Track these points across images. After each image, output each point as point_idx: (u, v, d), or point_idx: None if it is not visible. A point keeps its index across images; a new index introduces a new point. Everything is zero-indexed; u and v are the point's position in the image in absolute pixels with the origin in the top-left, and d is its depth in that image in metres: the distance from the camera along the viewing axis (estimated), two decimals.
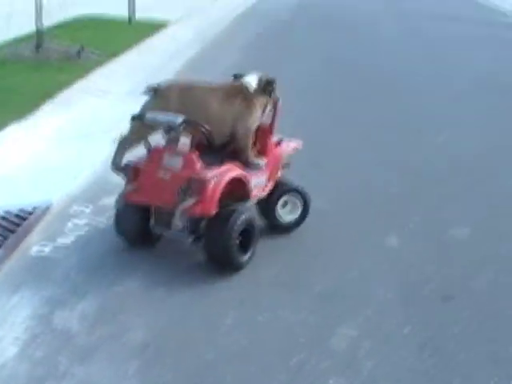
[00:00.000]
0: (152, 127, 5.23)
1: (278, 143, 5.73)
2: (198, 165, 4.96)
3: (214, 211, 4.91)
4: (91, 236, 5.57)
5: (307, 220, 5.91)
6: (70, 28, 14.70)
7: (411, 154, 8.32)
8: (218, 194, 4.89)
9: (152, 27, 15.56)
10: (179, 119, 4.92)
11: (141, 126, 5.19)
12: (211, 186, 4.86)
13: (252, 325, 4.45)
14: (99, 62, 11.85)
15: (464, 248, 5.82)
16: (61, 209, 6.05)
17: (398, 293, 5.00)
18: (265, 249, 5.43)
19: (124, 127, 5.38)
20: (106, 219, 5.82)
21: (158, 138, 5.32)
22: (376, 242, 5.80)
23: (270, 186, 5.63)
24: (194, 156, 5.00)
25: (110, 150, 5.92)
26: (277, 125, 5.62)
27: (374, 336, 4.39)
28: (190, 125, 5.04)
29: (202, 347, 4.16)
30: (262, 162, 5.47)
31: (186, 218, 4.98)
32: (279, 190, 5.76)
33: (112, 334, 4.22)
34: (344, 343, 4.29)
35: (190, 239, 5.19)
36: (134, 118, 5.21)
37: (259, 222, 5.51)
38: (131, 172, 5.17)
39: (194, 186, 4.85)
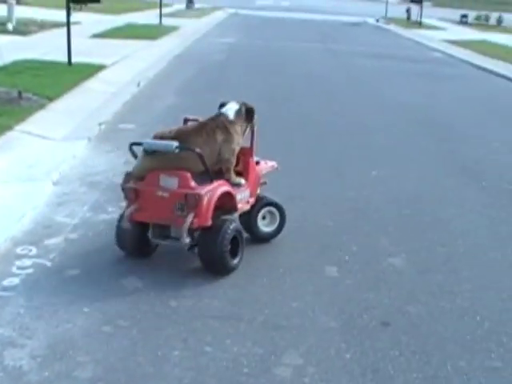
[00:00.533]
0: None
1: (257, 163, 6.45)
2: (192, 183, 5.56)
3: (209, 222, 5.57)
4: (37, 276, 5.58)
5: (248, 251, 6.03)
6: (10, 72, 14.65)
7: (347, 189, 8.50)
8: (211, 207, 5.57)
9: (90, 70, 15.60)
10: (174, 144, 5.58)
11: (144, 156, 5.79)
12: (206, 200, 5.51)
13: (199, 356, 4.52)
14: (39, 106, 11.83)
15: (400, 276, 6.01)
16: (6, 251, 6.04)
17: (340, 321, 5.13)
18: (209, 281, 5.56)
19: (64, 169, 5.44)
20: (51, 260, 5.85)
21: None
22: (317, 273, 5.95)
23: (252, 200, 6.34)
24: (188, 175, 5.57)
25: (51, 191, 5.99)
26: (255, 147, 6.27)
27: (318, 363, 4.51)
28: (183, 149, 5.62)
29: (151, 380, 4.22)
30: (242, 181, 6.13)
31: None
32: (259, 204, 6.45)
33: (63, 371, 4.25)
34: (289, 372, 4.40)
35: (186, 247, 5.79)
36: (133, 145, 5.88)
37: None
38: (132, 194, 5.72)
39: (191, 202, 5.48)
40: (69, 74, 14.86)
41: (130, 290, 5.42)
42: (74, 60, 16.11)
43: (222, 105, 6.28)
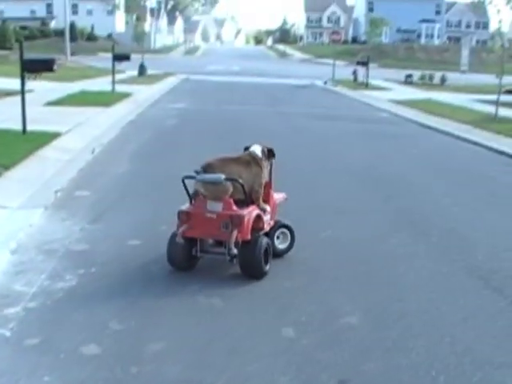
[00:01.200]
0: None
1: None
2: (235, 207, 7.19)
3: (249, 237, 7.17)
4: None
5: (203, 315, 6.06)
6: None
7: (300, 249, 8.57)
8: (250, 226, 7.20)
9: (45, 138, 15.58)
10: (222, 176, 7.12)
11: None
12: (246, 220, 7.15)
13: None
14: None
15: (355, 334, 6.06)
16: None
17: (298, 381, 5.17)
18: (168, 346, 5.56)
19: (21, 237, 5.43)
20: (10, 329, 5.80)
21: None
22: (274, 334, 5.98)
23: (272, 222, 7.96)
24: (231, 201, 7.20)
25: (8, 260, 5.92)
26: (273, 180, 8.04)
27: None
28: (229, 180, 7.19)
29: None
30: (268, 208, 7.80)
31: (226, 243, 7.19)
32: (276, 226, 8.03)
33: None
34: None
35: (228, 258, 7.29)
36: (186, 178, 7.48)
37: None
38: (184, 216, 7.31)
39: (235, 221, 7.09)
40: (24, 143, 14.84)
41: (90, 357, 5.40)
42: (28, 128, 16.10)
43: (247, 148, 7.98)
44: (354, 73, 44.98)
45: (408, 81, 46.56)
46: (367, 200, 11.72)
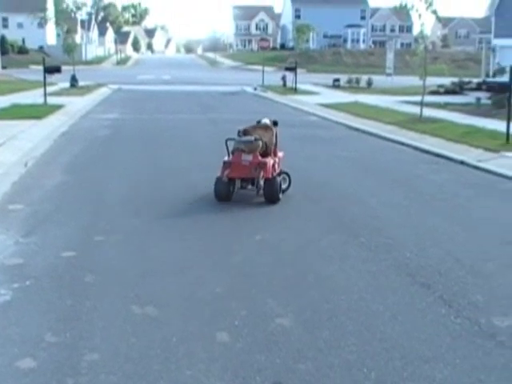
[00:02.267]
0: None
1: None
2: (260, 157, 11.42)
3: (270, 176, 11.36)
4: None
5: (138, 324, 6.03)
6: None
7: (233, 254, 8.58)
8: (271, 169, 11.40)
9: None
10: (253, 138, 11.48)
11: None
12: (268, 165, 11.40)
13: None
14: None
15: (288, 335, 6.09)
16: None
17: None
18: (104, 356, 5.50)
19: None
20: None
21: None
22: (209, 340, 5.96)
23: (279, 169, 11.97)
24: (257, 154, 11.41)
25: None
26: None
27: None
28: (257, 140, 11.44)
29: None
30: (277, 158, 11.93)
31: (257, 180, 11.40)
32: (280, 172, 11.96)
33: None
34: None
35: (256, 191, 11.55)
36: (228, 140, 11.77)
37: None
38: (227, 164, 11.46)
39: (261, 166, 11.34)
40: None
41: (26, 371, 5.30)
42: None
43: (259, 121, 12.24)
44: (283, 78, 45.19)
45: (336, 85, 47.01)
46: (298, 203, 11.78)
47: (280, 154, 12.13)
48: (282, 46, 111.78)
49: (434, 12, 26.20)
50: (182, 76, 63.26)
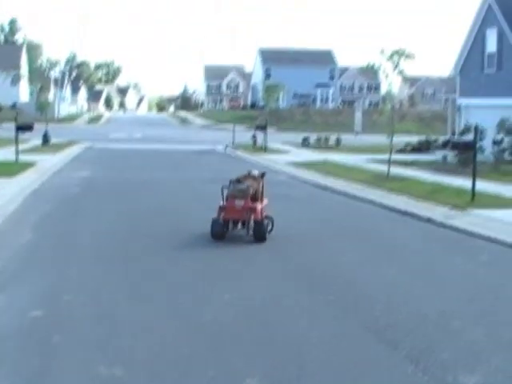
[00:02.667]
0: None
1: None
2: (251, 202, 13.04)
3: (260, 218, 12.96)
4: None
5: None
6: None
7: (205, 312, 8.52)
8: (260, 212, 12.99)
9: None
10: (245, 185, 13.21)
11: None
12: (258, 209, 13.03)
13: None
14: None
15: None
16: None
17: None
18: None
19: None
20: None
21: None
22: None
23: (265, 213, 13.44)
24: (249, 199, 13.04)
25: None
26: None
27: None
28: (249, 187, 13.20)
29: None
30: (263, 204, 13.48)
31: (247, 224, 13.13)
32: (265, 216, 13.49)
33: None
34: None
35: (246, 231, 13.10)
36: (224, 188, 13.50)
37: None
38: (223, 208, 13.13)
39: (252, 210, 12.99)
40: None
41: None
42: None
43: (250, 171, 14.04)
44: (254, 137, 45.41)
45: (305, 143, 47.35)
46: (266, 262, 11.78)
47: (265, 200, 13.78)
48: (253, 105, 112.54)
49: (401, 72, 26.63)
50: (154, 134, 63.37)
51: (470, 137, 26.66)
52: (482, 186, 19.87)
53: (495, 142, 28.77)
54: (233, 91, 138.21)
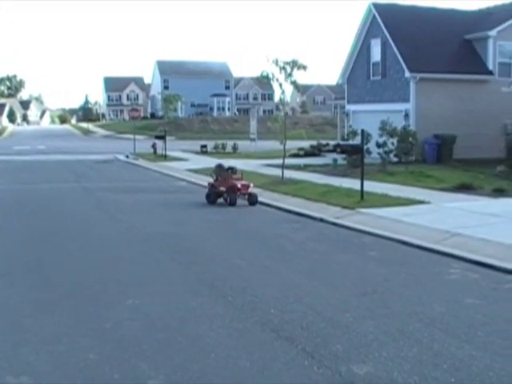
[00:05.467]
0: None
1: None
2: (231, 180, 20.57)
3: (236, 194, 20.35)
4: None
5: None
6: None
7: (105, 320, 8.41)
8: (238, 189, 20.39)
9: None
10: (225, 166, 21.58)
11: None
12: (238, 186, 20.45)
13: None
14: None
15: None
16: None
17: None
18: None
19: None
20: None
21: None
22: None
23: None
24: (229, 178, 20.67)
25: None
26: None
27: None
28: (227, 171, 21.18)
29: None
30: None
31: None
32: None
33: None
34: None
35: (230, 203, 20.10)
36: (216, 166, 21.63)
37: None
38: (211, 184, 20.90)
39: (233, 187, 20.35)
40: None
41: None
42: None
43: (220, 164, 21.73)
44: (154, 146, 45.15)
45: (203, 150, 47.31)
46: (169, 267, 11.71)
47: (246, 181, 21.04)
48: (153, 115, 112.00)
49: (294, 82, 27.00)
50: (57, 146, 62.11)
51: (356, 140, 27.24)
52: (371, 186, 20.32)
53: (378, 145, 29.48)
54: (133, 102, 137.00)
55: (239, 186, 20.22)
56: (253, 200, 20.22)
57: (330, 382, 6.44)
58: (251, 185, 20.68)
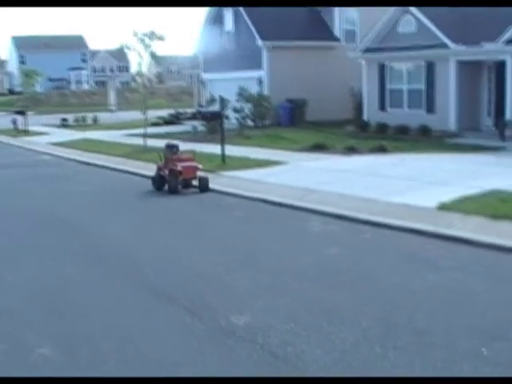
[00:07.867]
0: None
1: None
2: (173, 162, 15.88)
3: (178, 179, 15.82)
4: None
5: None
6: None
7: None
8: (179, 172, 15.74)
9: None
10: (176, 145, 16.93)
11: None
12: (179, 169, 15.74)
13: None
14: None
15: (48, 363, 5.92)
16: None
17: None
18: None
19: None
20: None
21: None
22: None
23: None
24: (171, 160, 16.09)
25: None
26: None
27: None
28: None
29: None
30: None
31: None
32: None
33: None
34: None
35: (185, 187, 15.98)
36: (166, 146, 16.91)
37: None
38: (158, 167, 16.19)
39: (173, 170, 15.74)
40: None
41: None
42: None
43: (168, 143, 17.10)
44: (14, 122, 43.50)
45: (64, 124, 45.90)
46: (50, 242, 11.34)
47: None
48: (11, 91, 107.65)
49: (152, 54, 26.84)
50: None
51: (215, 107, 27.33)
52: (230, 150, 20.41)
53: (236, 110, 29.72)
54: None
55: (180, 168, 15.62)
56: (203, 186, 15.65)
57: (213, 334, 6.57)
58: (199, 166, 16.03)
